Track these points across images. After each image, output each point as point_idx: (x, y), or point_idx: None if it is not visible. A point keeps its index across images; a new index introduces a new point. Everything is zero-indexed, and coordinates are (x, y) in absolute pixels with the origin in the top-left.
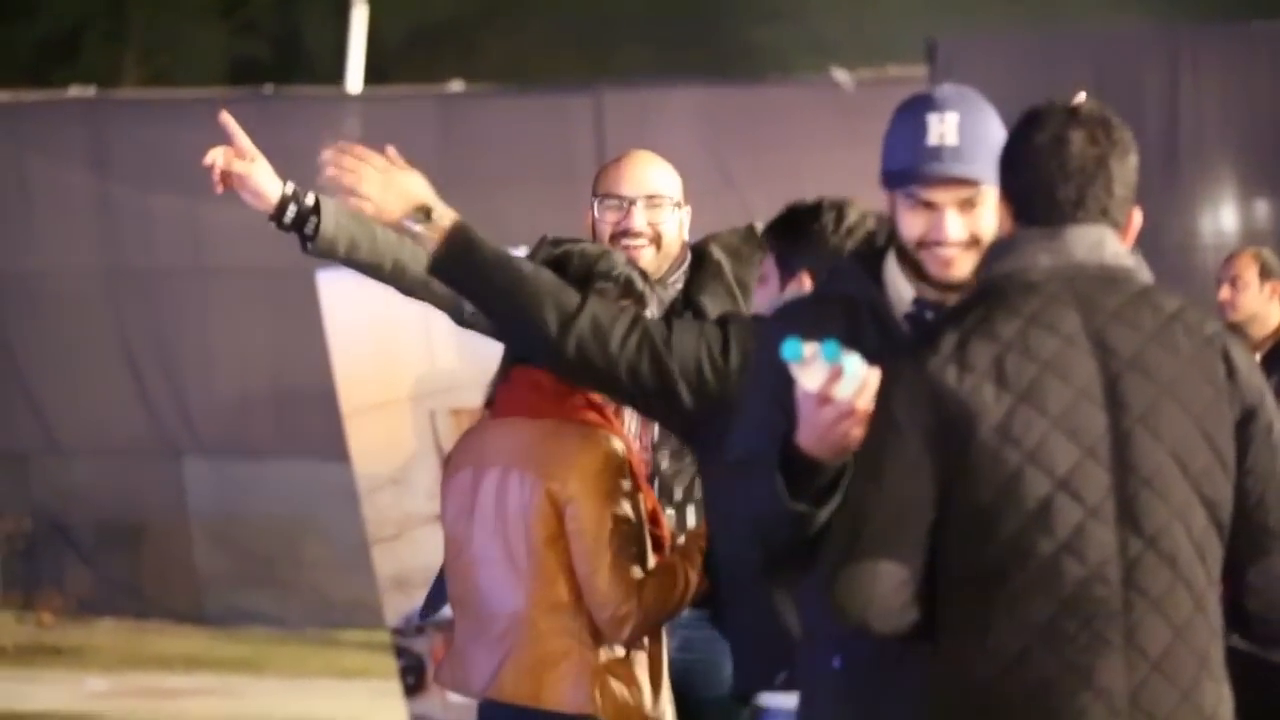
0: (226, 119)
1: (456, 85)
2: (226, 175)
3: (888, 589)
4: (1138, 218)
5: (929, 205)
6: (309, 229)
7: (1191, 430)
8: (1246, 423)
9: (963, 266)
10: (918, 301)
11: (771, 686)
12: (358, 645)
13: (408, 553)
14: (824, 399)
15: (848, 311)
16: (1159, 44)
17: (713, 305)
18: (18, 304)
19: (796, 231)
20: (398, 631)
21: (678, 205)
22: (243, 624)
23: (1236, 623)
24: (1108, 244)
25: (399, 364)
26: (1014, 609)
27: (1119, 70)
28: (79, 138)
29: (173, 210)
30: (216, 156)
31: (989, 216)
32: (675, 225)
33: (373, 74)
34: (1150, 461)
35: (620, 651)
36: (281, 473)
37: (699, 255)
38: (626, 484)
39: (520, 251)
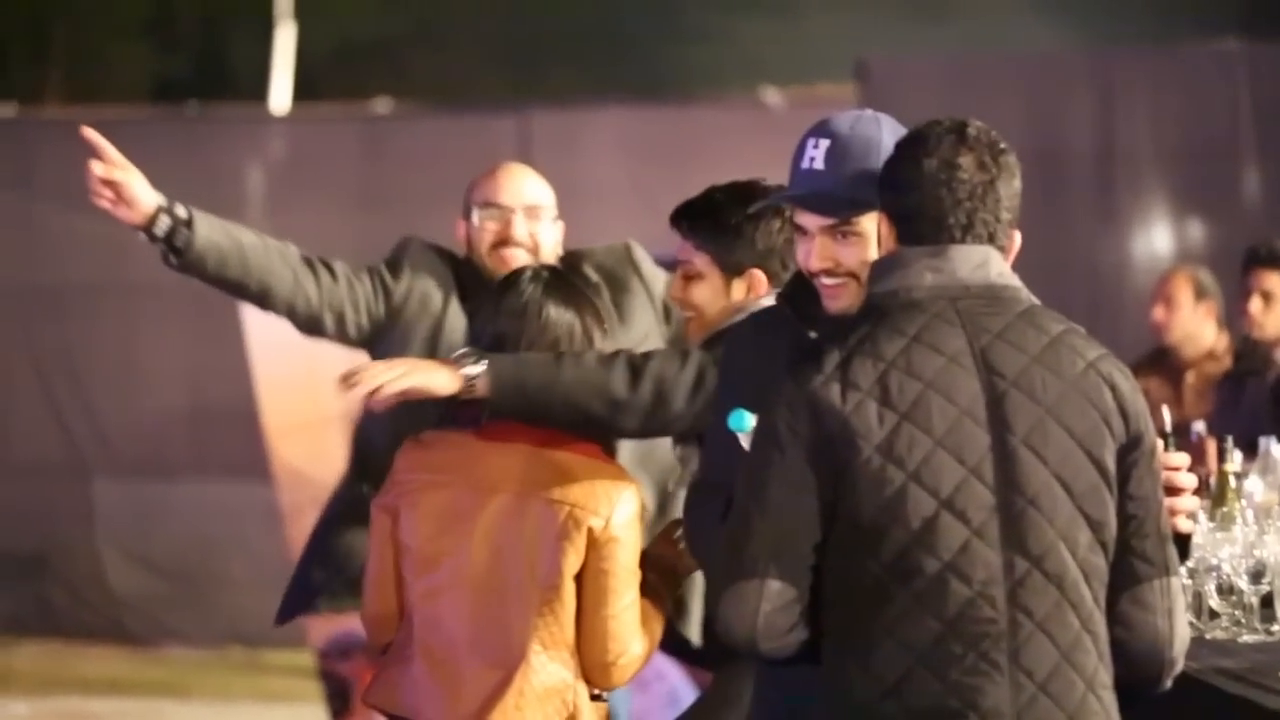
0: (89, 134)
1: (382, 105)
2: (108, 184)
3: (774, 608)
4: (1017, 239)
5: (803, 230)
6: (180, 241)
7: (1075, 451)
8: (1130, 448)
9: (849, 300)
10: None
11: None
12: (282, 669)
13: None
14: None
15: (795, 335)
16: (1089, 66)
17: None
18: None
19: (732, 232)
20: (323, 655)
21: (555, 218)
22: (165, 645)
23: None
24: (993, 263)
25: (327, 382)
26: (897, 630)
27: (1049, 92)
28: (2, 157)
29: (95, 228)
30: (97, 167)
31: (871, 249)
32: (552, 236)
33: (299, 92)
34: (1034, 481)
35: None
36: (196, 494)
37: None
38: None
39: None
